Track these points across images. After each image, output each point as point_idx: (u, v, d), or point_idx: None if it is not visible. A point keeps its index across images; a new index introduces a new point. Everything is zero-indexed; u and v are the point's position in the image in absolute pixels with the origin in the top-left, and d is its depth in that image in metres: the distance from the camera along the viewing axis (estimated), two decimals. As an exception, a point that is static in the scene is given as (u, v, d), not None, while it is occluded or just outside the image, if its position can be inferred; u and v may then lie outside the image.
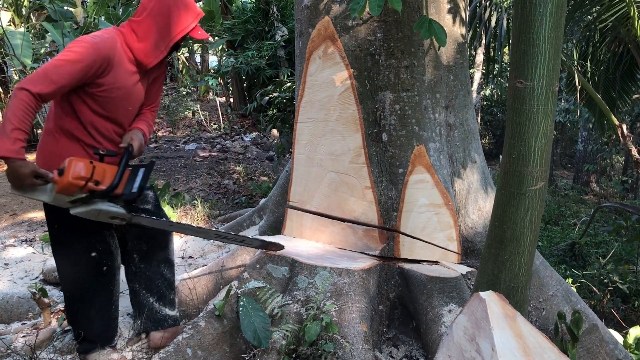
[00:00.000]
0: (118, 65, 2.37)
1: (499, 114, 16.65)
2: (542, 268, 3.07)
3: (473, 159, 3.28)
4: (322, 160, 3.18)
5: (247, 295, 2.67)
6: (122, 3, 8.56)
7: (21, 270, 4.17)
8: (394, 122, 3.01)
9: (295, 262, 2.90)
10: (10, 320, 3.16)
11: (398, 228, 3.02)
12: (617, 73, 5.98)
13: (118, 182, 2.35)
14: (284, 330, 2.48)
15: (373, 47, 2.99)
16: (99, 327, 2.62)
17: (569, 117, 13.24)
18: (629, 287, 4.14)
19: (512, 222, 2.05)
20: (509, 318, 1.82)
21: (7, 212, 6.07)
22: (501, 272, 2.12)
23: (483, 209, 3.24)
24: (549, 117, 1.93)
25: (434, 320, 2.62)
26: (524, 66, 1.92)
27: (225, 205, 6.36)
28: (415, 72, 3.00)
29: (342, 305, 2.63)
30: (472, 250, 3.19)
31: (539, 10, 1.86)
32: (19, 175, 2.16)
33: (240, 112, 12.80)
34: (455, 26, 3.17)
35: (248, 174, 8.12)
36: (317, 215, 3.23)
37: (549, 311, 2.93)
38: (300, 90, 3.26)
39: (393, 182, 3.04)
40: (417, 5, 2.97)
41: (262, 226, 4.14)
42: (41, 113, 7.49)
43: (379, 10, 2.31)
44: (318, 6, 3.11)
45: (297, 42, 3.37)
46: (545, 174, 2.00)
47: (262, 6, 11.80)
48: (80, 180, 2.23)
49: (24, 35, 7.12)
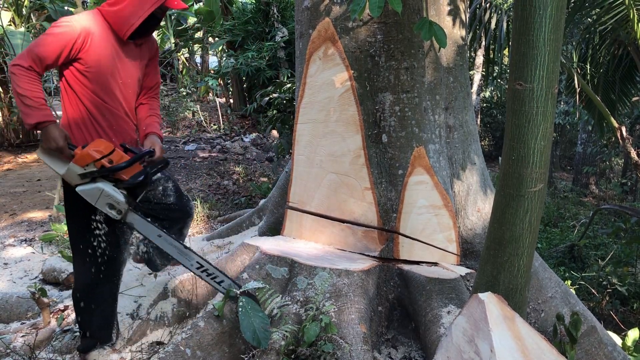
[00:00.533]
0: (100, 39, 2.46)
1: (498, 116, 16.66)
2: (541, 270, 3.07)
3: (472, 161, 3.28)
4: (322, 161, 3.18)
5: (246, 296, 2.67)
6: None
7: (20, 270, 4.17)
8: (394, 124, 3.02)
9: (294, 263, 2.90)
10: (10, 319, 3.16)
11: (397, 229, 3.02)
12: (616, 75, 5.99)
13: (126, 166, 2.43)
14: (283, 331, 2.48)
15: (373, 49, 3.00)
16: (98, 321, 2.65)
17: (569, 119, 13.24)
18: (627, 289, 4.15)
19: (511, 224, 2.05)
20: (507, 319, 1.82)
21: (7, 212, 6.07)
22: (500, 274, 2.12)
23: (482, 210, 3.25)
24: (548, 119, 1.94)
25: (432, 321, 2.62)
26: (523, 68, 1.92)
27: (224, 206, 6.37)
28: (415, 73, 3.00)
29: (341, 306, 2.63)
30: (472, 251, 3.19)
31: (539, 12, 1.86)
32: (54, 136, 2.35)
33: (240, 113, 12.81)
34: (455, 28, 3.18)
35: (248, 174, 8.13)
36: (317, 216, 3.23)
37: (547, 313, 2.94)
38: (301, 92, 3.26)
39: (393, 184, 3.04)
40: (417, 7, 2.97)
41: (261, 227, 4.14)
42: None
43: (379, 11, 2.31)
44: (318, 7, 3.12)
45: (298, 43, 3.37)
46: (544, 176, 2.01)
47: (262, 7, 11.81)
48: (97, 153, 2.37)
49: (24, 35, 7.12)
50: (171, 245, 2.55)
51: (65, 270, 3.73)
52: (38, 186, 7.33)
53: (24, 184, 7.48)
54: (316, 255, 3.04)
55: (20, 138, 9.91)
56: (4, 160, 8.96)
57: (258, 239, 3.31)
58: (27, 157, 9.25)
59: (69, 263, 3.85)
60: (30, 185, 7.41)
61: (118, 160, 2.43)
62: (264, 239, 3.32)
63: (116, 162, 2.42)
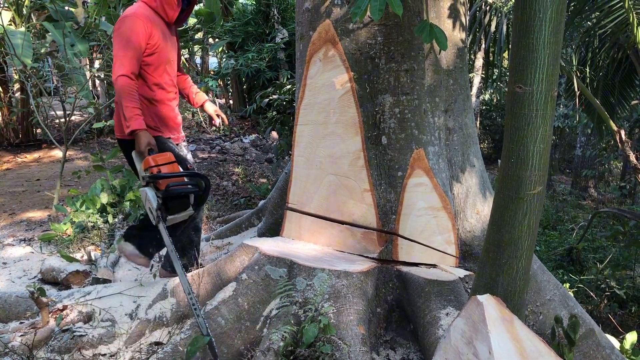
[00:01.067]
0: (156, 24, 3.03)
1: (498, 119, 16.67)
2: (539, 272, 3.08)
3: (472, 163, 3.29)
4: (321, 162, 3.18)
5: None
6: (123, 4, 8.56)
7: (19, 269, 4.17)
8: (394, 126, 3.02)
9: (293, 264, 2.90)
10: (8, 319, 3.16)
11: (396, 231, 3.03)
12: (616, 79, 6.00)
13: (166, 177, 2.80)
14: (282, 332, 2.48)
15: (373, 51, 3.00)
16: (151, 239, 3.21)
17: (568, 122, 13.24)
18: (626, 292, 4.15)
19: (510, 226, 2.06)
20: (506, 321, 1.83)
21: (6, 211, 6.07)
22: (499, 276, 2.13)
23: (481, 212, 3.25)
24: (547, 122, 1.94)
25: (431, 323, 2.62)
26: (523, 71, 1.93)
27: (224, 207, 6.37)
28: (415, 75, 3.01)
29: (340, 307, 2.63)
30: (470, 253, 3.20)
31: (539, 15, 1.87)
32: (147, 141, 2.88)
33: (239, 114, 12.82)
34: (455, 31, 3.18)
35: (247, 175, 8.13)
36: (316, 218, 3.24)
37: (546, 315, 2.94)
38: (301, 93, 3.27)
39: (392, 185, 3.05)
40: (417, 10, 2.98)
41: (260, 228, 4.15)
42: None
43: (380, 14, 2.32)
44: (319, 9, 3.13)
45: (298, 45, 3.38)
46: (543, 179, 2.01)
47: (262, 8, 11.83)
48: (153, 161, 2.80)
49: (24, 34, 7.13)
50: (177, 267, 2.82)
51: (64, 270, 3.73)
52: (37, 186, 7.34)
53: (23, 183, 7.48)
54: (315, 256, 3.04)
55: (20, 138, 9.92)
56: (4, 160, 8.96)
57: (257, 239, 3.31)
58: (26, 156, 9.26)
59: (67, 263, 3.85)
60: (29, 185, 7.41)
61: (167, 171, 2.81)
62: (263, 239, 3.32)
63: (164, 172, 2.80)
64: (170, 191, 2.79)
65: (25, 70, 6.56)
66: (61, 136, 10.07)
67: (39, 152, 9.53)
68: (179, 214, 2.92)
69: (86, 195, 5.14)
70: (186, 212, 2.95)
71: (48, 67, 10.58)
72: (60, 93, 9.30)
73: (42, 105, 9.33)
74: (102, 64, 6.63)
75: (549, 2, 1.86)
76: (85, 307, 2.99)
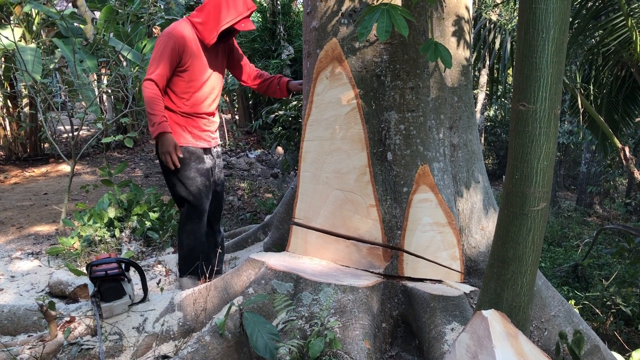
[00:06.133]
0: (191, 41, 3.32)
1: (502, 135, 16.72)
2: (544, 288, 3.09)
3: (476, 179, 3.32)
4: (327, 178, 3.22)
5: (251, 311, 2.70)
6: (132, 21, 8.69)
7: (27, 283, 4.20)
8: (399, 142, 3.06)
9: (299, 279, 2.92)
10: (17, 332, 3.18)
11: (402, 246, 3.05)
12: (619, 96, 6.03)
13: (98, 264, 3.14)
14: (289, 346, 2.50)
15: (379, 69, 3.05)
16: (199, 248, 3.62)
17: (573, 138, 13.27)
18: (632, 309, 4.14)
19: (515, 242, 2.08)
20: (511, 337, 1.84)
21: (14, 225, 6.12)
22: (503, 291, 2.14)
23: (486, 228, 3.28)
24: (551, 140, 1.97)
25: (436, 338, 2.63)
26: (526, 89, 1.96)
27: (229, 221, 6.40)
28: (420, 93, 3.06)
29: (346, 322, 2.65)
30: (475, 269, 3.21)
31: (542, 35, 1.91)
32: (172, 143, 3.22)
33: (245, 129, 12.90)
34: (460, 49, 3.23)
35: (252, 190, 8.17)
36: (322, 233, 3.27)
37: (550, 331, 2.95)
38: (307, 109, 3.32)
39: (397, 201, 3.08)
40: (422, 29, 3.04)
41: (266, 242, 4.17)
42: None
43: (386, 35, 2.36)
44: (326, 28, 3.19)
45: (305, 62, 3.44)
46: (547, 195, 2.04)
47: (269, 25, 11.96)
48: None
49: (35, 51, 7.24)
50: None
51: (72, 284, 3.76)
52: (45, 200, 7.39)
53: (31, 197, 7.55)
54: (321, 271, 3.06)
55: (28, 152, 10.01)
56: (12, 174, 9.04)
57: (264, 254, 3.34)
58: (34, 170, 9.33)
59: (75, 276, 3.88)
60: (37, 199, 7.47)
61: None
62: (269, 254, 3.35)
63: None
64: (94, 275, 3.05)
65: (35, 86, 6.65)
66: (69, 151, 10.16)
67: (47, 167, 9.61)
68: (113, 302, 3.06)
69: (94, 210, 5.18)
70: (122, 300, 3.08)
71: (56, 82, 10.71)
72: (69, 108, 9.39)
73: (50, 119, 9.42)
74: (110, 80, 6.71)
75: (552, 22, 1.90)
76: (93, 320, 3.01)
